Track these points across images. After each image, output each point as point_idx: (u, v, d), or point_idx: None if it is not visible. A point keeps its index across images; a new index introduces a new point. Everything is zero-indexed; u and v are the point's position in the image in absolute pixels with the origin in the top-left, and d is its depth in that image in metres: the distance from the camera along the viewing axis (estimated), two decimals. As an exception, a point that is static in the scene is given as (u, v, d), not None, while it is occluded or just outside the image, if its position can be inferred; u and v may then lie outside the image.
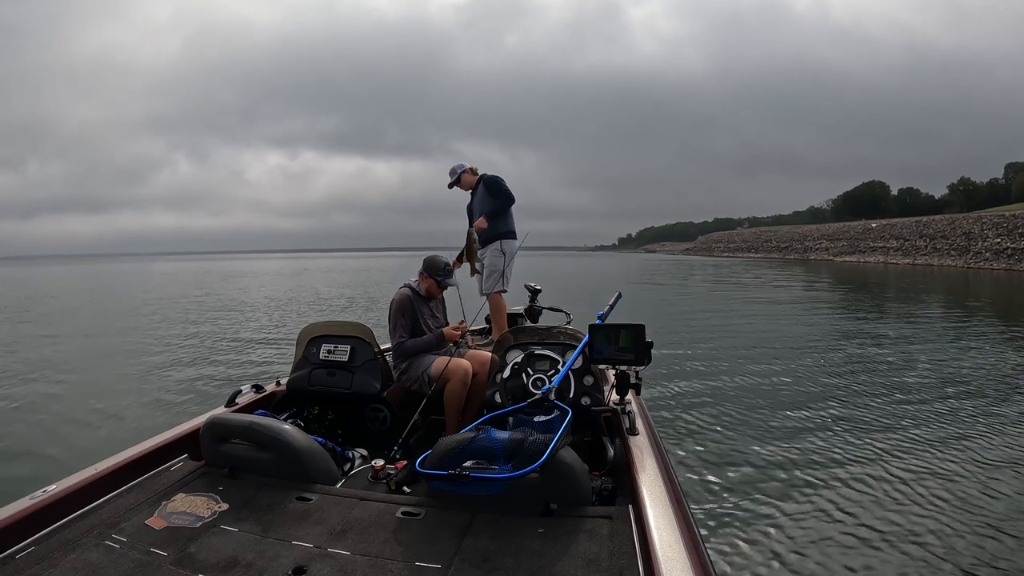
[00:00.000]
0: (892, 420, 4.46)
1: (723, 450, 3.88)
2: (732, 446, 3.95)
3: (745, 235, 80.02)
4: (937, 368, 6.36)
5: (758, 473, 3.50)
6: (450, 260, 2.99)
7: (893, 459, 3.66)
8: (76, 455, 3.63)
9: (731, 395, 5.30)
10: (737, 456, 3.77)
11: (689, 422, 4.49)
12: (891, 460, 3.64)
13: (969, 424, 4.32)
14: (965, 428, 4.23)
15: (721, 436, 4.17)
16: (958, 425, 4.30)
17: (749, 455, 3.78)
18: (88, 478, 1.60)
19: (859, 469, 3.51)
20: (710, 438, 4.13)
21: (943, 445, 3.87)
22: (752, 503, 3.09)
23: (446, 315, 3.01)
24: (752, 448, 3.90)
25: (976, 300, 15.09)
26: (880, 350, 7.59)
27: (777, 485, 3.32)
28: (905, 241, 39.23)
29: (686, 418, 4.58)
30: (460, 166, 4.11)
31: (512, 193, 3.96)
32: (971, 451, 3.75)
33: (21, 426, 4.77)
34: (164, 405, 5.37)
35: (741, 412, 4.75)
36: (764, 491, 3.24)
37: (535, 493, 1.50)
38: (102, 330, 11.03)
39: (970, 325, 9.91)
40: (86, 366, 7.45)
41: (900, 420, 4.45)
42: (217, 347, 8.67)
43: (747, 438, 4.11)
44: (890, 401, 5.01)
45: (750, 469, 3.56)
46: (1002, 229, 30.83)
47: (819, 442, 4.00)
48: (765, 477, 3.44)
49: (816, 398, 5.16)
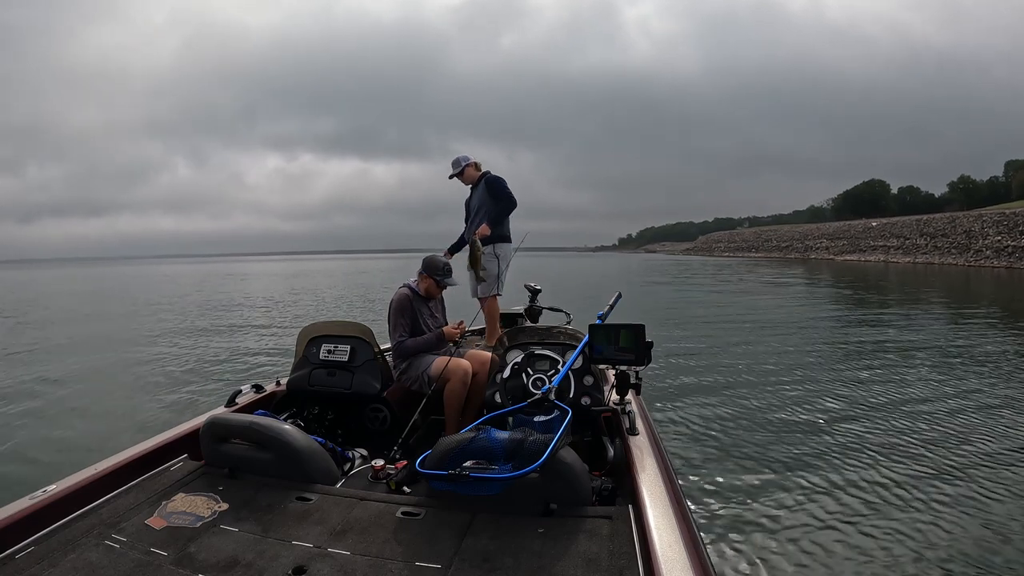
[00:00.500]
0: (893, 420, 4.44)
1: (723, 450, 3.87)
2: (732, 446, 3.95)
3: (745, 235, 79.98)
4: (939, 368, 6.34)
5: (758, 473, 3.49)
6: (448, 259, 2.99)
7: (893, 459, 3.65)
8: (76, 455, 3.63)
9: (731, 395, 5.29)
10: (737, 456, 3.76)
11: (689, 422, 4.48)
12: (891, 460, 3.63)
13: (970, 425, 4.31)
14: (966, 429, 4.21)
15: (721, 436, 4.16)
16: (959, 426, 4.28)
17: (749, 455, 3.77)
18: (88, 478, 1.61)
19: (859, 469, 3.51)
20: (710, 438, 4.12)
21: (945, 445, 3.87)
22: (752, 503, 3.08)
23: (445, 315, 3.01)
24: (752, 448, 3.89)
25: (977, 300, 15.07)
26: (881, 350, 7.58)
27: (777, 485, 3.31)
28: (906, 240, 39.22)
29: (686, 418, 4.57)
30: (464, 158, 3.99)
31: (514, 196, 3.88)
32: (972, 452, 3.74)
33: (21, 426, 4.78)
34: (164, 405, 5.37)
35: (741, 412, 4.74)
36: (764, 491, 3.23)
37: (535, 493, 1.50)
38: (102, 332, 11.04)
39: (972, 323, 9.90)
40: (86, 366, 7.46)
41: (901, 421, 4.44)
42: (217, 347, 8.68)
43: (747, 438, 4.10)
44: (891, 401, 5.00)
45: (750, 469, 3.55)
46: (1003, 227, 30.81)
47: (820, 442, 3.99)
48: (765, 477, 3.43)
49: (816, 398, 5.15)
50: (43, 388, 6.12)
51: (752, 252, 62.11)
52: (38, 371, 7.02)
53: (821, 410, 4.76)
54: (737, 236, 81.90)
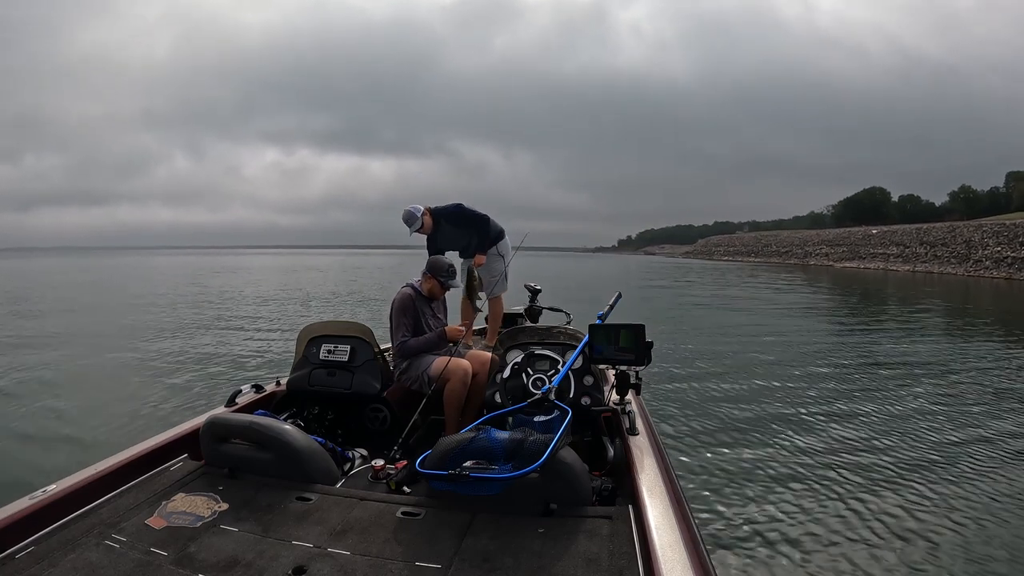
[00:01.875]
0: (893, 421, 4.46)
1: (723, 450, 3.88)
2: (732, 446, 3.95)
3: (745, 239, 79.92)
4: (940, 373, 6.36)
5: (758, 473, 3.50)
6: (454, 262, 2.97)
7: (894, 460, 3.66)
8: (76, 455, 3.62)
9: (732, 395, 5.31)
10: (737, 456, 3.77)
11: (689, 422, 4.49)
12: (892, 460, 3.65)
13: (972, 425, 4.32)
14: (968, 429, 4.23)
15: (721, 436, 4.17)
16: (961, 426, 4.30)
17: (749, 455, 3.78)
18: (88, 478, 1.60)
19: (859, 469, 3.52)
20: (710, 438, 4.13)
21: (946, 445, 3.88)
22: (752, 503, 3.09)
23: (447, 316, 3.01)
24: (752, 448, 3.90)
25: (979, 312, 15.07)
26: (882, 356, 7.60)
27: (777, 485, 3.32)
28: (905, 248, 39.22)
29: (686, 418, 4.58)
30: (415, 209, 3.73)
31: (479, 211, 3.80)
32: (974, 452, 3.75)
33: (21, 426, 4.75)
34: (164, 405, 5.35)
35: (742, 412, 4.75)
36: (764, 491, 3.24)
37: (535, 493, 1.50)
38: (101, 327, 11.00)
39: (971, 334, 9.91)
40: (86, 365, 7.43)
41: (902, 421, 4.45)
42: (217, 347, 8.65)
43: (747, 438, 4.11)
44: (891, 402, 5.01)
45: (750, 469, 3.56)
46: (1003, 238, 30.83)
47: (820, 443, 4.00)
48: (765, 477, 3.44)
49: (816, 399, 5.17)
50: (43, 388, 6.10)
51: (751, 256, 62.08)
52: (39, 372, 7.00)
53: (821, 411, 4.77)
54: (737, 240, 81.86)
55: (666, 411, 4.72)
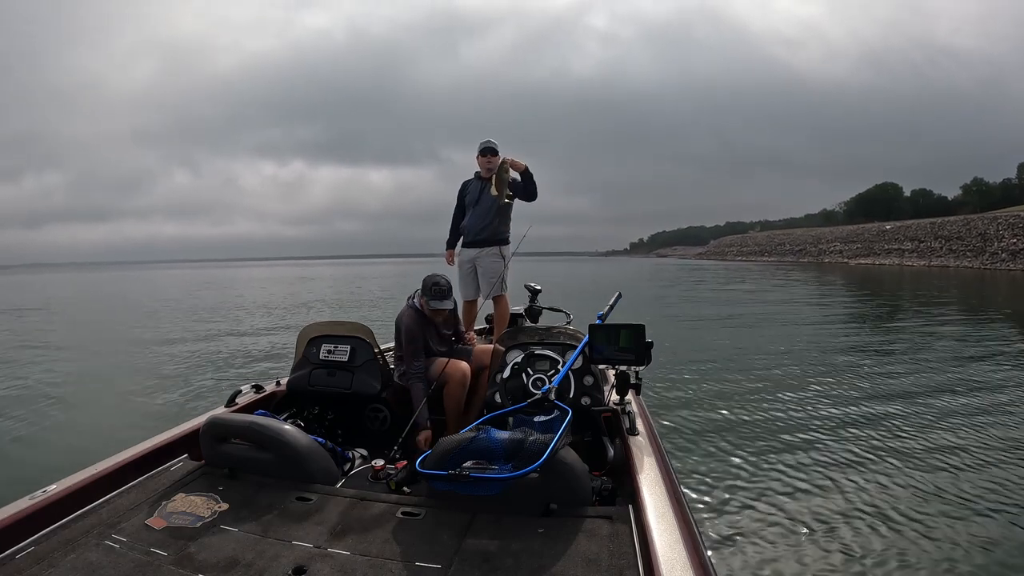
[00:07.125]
0: (895, 422, 4.38)
1: (723, 450, 3.84)
2: (732, 446, 3.91)
3: (758, 239, 79.25)
4: (944, 369, 6.25)
5: (758, 473, 3.46)
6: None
7: (894, 460, 3.60)
8: (76, 455, 3.65)
9: (732, 395, 5.26)
10: (737, 456, 3.73)
11: (689, 422, 4.45)
12: (892, 461, 3.59)
13: (974, 426, 4.23)
14: (969, 430, 4.14)
15: (721, 436, 4.12)
16: (963, 427, 4.21)
17: (749, 455, 3.73)
18: (88, 478, 1.61)
19: (859, 470, 3.47)
20: (710, 438, 4.09)
21: (947, 447, 3.81)
22: (752, 503, 3.06)
23: (459, 324, 2.95)
24: (753, 448, 3.85)
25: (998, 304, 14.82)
26: (885, 355, 7.47)
27: (777, 485, 3.28)
28: (920, 243, 38.74)
29: (686, 418, 4.54)
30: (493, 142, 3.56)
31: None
32: (975, 453, 3.68)
33: (21, 426, 4.81)
34: (164, 405, 5.40)
35: (742, 412, 4.70)
36: (764, 491, 3.20)
37: (535, 493, 1.49)
38: (105, 333, 11.17)
39: (987, 329, 9.74)
40: (87, 366, 7.55)
41: (903, 422, 4.37)
42: (217, 347, 8.74)
43: (748, 438, 4.06)
44: (893, 403, 4.92)
45: (750, 469, 3.52)
46: (1018, 229, 30.38)
47: (820, 444, 3.94)
48: (765, 477, 3.40)
49: (817, 399, 5.09)
50: (44, 389, 6.18)
51: (765, 256, 61.56)
52: (39, 371, 7.12)
53: (822, 412, 4.70)
54: (749, 240, 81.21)
55: (666, 411, 4.68)
